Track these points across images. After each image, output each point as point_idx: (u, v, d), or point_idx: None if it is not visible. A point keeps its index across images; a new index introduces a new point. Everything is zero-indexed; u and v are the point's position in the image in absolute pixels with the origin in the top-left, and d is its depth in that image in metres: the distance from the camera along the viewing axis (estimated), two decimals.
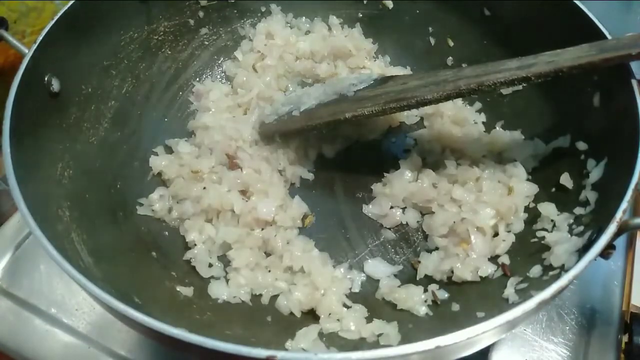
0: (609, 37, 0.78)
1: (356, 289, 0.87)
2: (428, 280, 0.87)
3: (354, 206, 0.99)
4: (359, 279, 0.88)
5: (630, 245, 1.02)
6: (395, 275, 0.89)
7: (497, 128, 1.03)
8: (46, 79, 0.80)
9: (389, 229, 0.95)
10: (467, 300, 0.81)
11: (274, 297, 0.85)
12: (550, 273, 0.72)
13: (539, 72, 0.76)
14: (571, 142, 0.87)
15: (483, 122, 1.06)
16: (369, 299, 0.86)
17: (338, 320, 0.80)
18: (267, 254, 0.91)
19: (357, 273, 0.89)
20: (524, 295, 0.72)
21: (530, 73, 0.77)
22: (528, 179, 0.91)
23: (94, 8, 0.90)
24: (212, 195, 0.91)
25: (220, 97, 1.09)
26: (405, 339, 0.74)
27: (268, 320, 0.82)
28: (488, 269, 0.82)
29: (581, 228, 0.75)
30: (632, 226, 0.65)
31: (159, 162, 0.99)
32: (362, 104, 0.92)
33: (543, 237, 0.80)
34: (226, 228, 0.90)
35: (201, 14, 1.12)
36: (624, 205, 0.63)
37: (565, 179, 0.84)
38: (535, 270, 0.75)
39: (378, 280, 0.88)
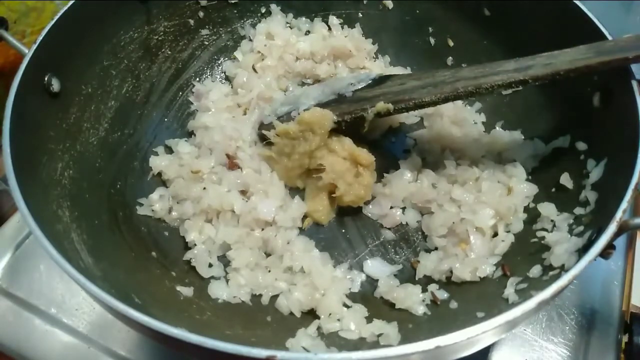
0: (609, 37, 0.78)
1: (356, 289, 0.87)
2: (427, 280, 0.87)
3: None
4: (359, 279, 0.88)
5: (630, 245, 1.02)
6: (395, 275, 0.89)
7: (497, 128, 1.03)
8: (46, 79, 0.80)
9: (389, 229, 0.95)
10: (466, 300, 0.81)
11: (274, 297, 0.85)
12: (550, 273, 0.72)
13: (536, 75, 0.77)
14: (571, 142, 0.87)
15: (483, 122, 1.05)
16: (369, 299, 0.86)
17: (338, 320, 0.80)
18: (267, 254, 0.91)
19: (357, 273, 0.89)
20: (524, 295, 0.72)
21: (528, 76, 0.77)
22: (528, 179, 0.91)
23: (94, 8, 0.90)
24: (212, 196, 0.91)
25: (220, 97, 1.09)
26: (405, 339, 0.74)
27: (268, 320, 0.82)
28: (487, 269, 0.82)
29: (581, 228, 0.75)
30: (632, 226, 0.65)
31: (159, 162, 0.99)
32: (360, 105, 0.92)
33: (543, 237, 0.80)
34: (226, 228, 0.90)
35: (201, 14, 1.12)
36: (624, 205, 0.63)
37: (565, 179, 0.84)
38: (535, 270, 0.75)
39: (378, 280, 0.88)
